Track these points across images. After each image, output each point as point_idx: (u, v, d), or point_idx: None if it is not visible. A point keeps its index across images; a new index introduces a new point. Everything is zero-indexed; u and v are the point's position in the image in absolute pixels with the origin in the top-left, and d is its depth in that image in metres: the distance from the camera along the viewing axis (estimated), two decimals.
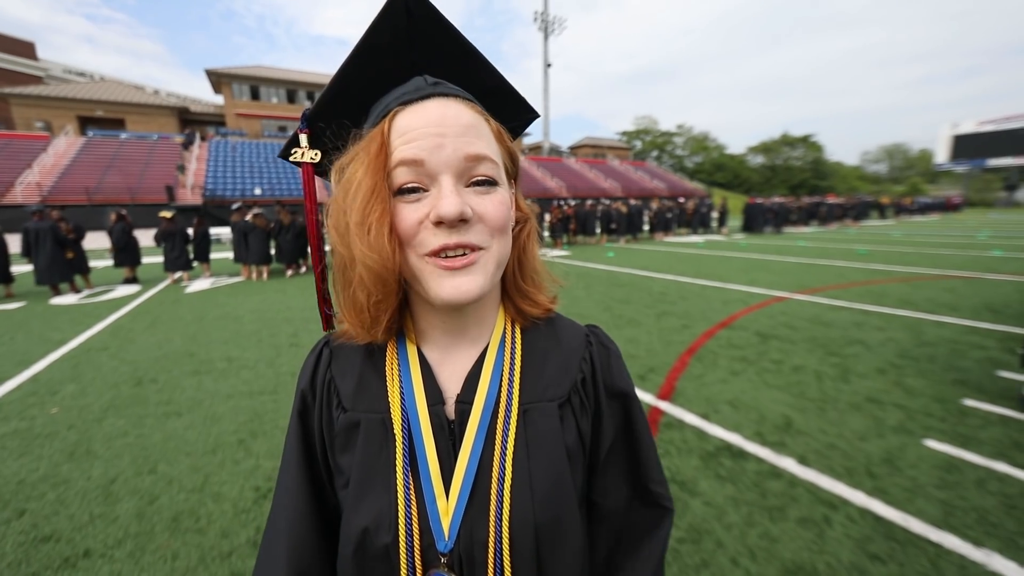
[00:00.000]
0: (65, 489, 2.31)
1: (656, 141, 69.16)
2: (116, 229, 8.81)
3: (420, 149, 0.45)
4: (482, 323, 0.55)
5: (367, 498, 0.49)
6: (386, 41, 0.49)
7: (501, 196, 0.48)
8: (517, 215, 0.56)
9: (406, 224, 0.46)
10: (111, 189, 21.42)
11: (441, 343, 0.55)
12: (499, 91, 0.55)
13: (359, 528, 0.48)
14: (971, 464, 2.34)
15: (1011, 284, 6.88)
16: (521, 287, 0.57)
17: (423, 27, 0.49)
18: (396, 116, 0.47)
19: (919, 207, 32.73)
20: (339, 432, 0.54)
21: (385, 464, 0.50)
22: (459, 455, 0.50)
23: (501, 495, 0.48)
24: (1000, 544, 1.81)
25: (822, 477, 2.26)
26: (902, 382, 3.36)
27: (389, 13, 0.48)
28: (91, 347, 4.76)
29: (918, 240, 14.36)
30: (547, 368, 0.55)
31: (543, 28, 29.36)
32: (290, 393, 3.44)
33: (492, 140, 0.49)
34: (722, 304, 5.97)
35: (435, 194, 0.45)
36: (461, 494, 0.49)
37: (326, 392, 0.56)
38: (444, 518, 0.48)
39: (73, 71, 54.18)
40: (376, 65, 0.50)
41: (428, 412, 0.51)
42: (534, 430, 0.52)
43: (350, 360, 0.56)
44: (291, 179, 26.58)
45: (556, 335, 0.59)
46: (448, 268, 0.46)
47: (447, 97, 0.48)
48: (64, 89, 33.52)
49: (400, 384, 0.53)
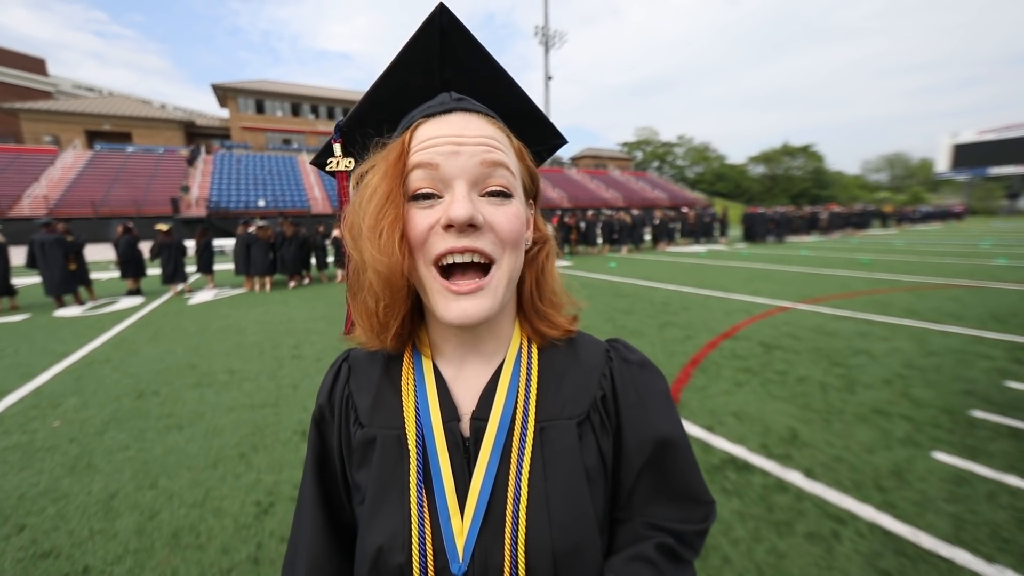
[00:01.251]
0: (65, 504, 2.30)
1: (657, 152, 69.58)
2: (122, 241, 8.89)
3: (436, 154, 0.46)
4: (498, 339, 0.55)
5: (381, 515, 0.49)
6: (419, 59, 0.51)
7: (515, 209, 0.48)
8: (535, 236, 0.56)
9: (418, 229, 0.46)
10: (117, 202, 21.66)
11: (456, 358, 0.54)
12: (527, 114, 0.56)
13: (374, 546, 0.48)
14: (981, 477, 2.30)
15: (1016, 293, 6.84)
16: (540, 309, 0.56)
17: (455, 47, 0.51)
18: (419, 127, 0.48)
19: (921, 216, 32.73)
20: (356, 448, 0.53)
21: (400, 481, 0.50)
22: (474, 473, 0.49)
23: (516, 516, 0.47)
24: (1014, 560, 1.77)
25: (829, 491, 2.23)
26: (909, 393, 3.33)
27: (424, 32, 0.50)
28: (93, 359, 4.77)
29: (921, 249, 14.33)
30: (565, 385, 0.54)
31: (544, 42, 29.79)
32: (291, 405, 3.43)
33: (512, 155, 0.50)
34: (725, 314, 5.94)
35: (448, 200, 0.46)
36: (476, 513, 0.47)
37: (344, 408, 0.56)
38: (459, 538, 0.47)
39: (82, 86, 55.21)
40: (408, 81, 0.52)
41: (443, 429, 0.51)
42: (551, 448, 0.50)
43: (367, 375, 0.56)
44: (294, 191, 26.84)
45: (575, 352, 0.57)
46: (455, 292, 0.46)
47: (469, 112, 0.49)
48: (73, 104, 34.09)
49: (416, 400, 0.53)
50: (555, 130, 0.59)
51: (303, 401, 3.51)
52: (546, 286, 0.56)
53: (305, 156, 32.80)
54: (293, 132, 38.49)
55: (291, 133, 38.45)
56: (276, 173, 28.70)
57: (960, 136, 52.38)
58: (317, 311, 7.01)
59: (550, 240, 0.58)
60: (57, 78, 49.08)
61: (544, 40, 29.68)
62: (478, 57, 0.52)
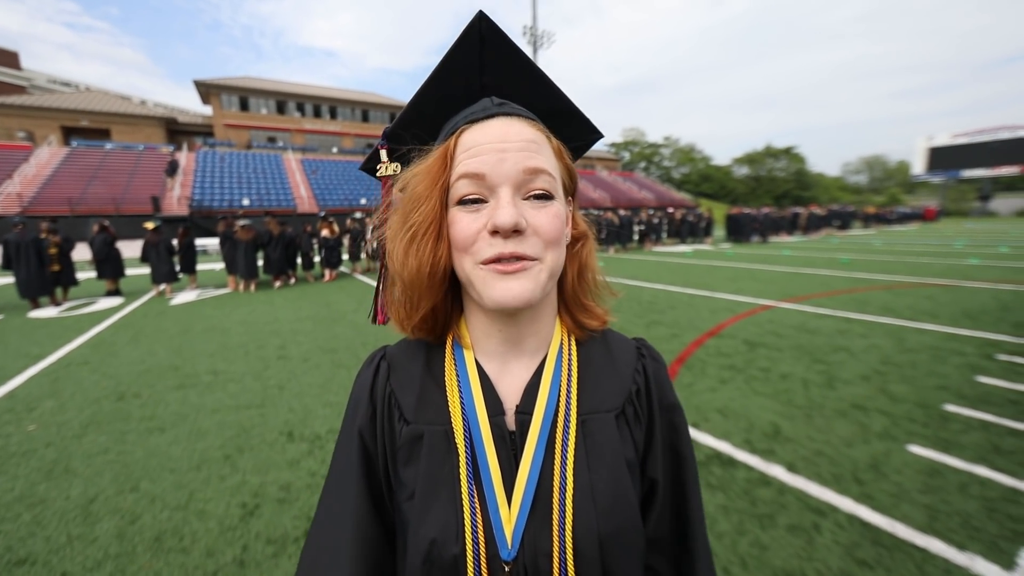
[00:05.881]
0: (42, 509, 2.24)
1: (644, 152, 70.30)
2: (97, 240, 8.65)
3: (482, 164, 0.48)
4: (539, 334, 0.56)
5: (433, 509, 0.50)
6: (460, 65, 0.53)
7: (556, 210, 0.50)
8: (575, 232, 0.58)
9: (466, 233, 0.49)
10: (95, 200, 21.06)
11: (499, 354, 0.56)
12: (565, 112, 0.58)
13: (427, 539, 0.49)
14: (953, 469, 2.39)
15: (987, 291, 7.08)
16: (581, 301, 0.59)
17: (494, 52, 0.53)
18: (463, 133, 0.51)
19: (898, 216, 33.62)
20: (402, 445, 0.54)
21: (449, 475, 0.51)
22: (520, 465, 0.51)
23: (564, 505, 0.49)
24: (983, 548, 1.85)
25: (810, 484, 2.29)
26: (886, 388, 3.43)
27: (465, 40, 0.52)
28: (71, 361, 4.64)
29: (898, 249, 14.74)
30: (603, 380, 0.57)
31: (532, 42, 29.83)
32: (277, 406, 3.38)
33: (552, 156, 0.52)
34: (710, 313, 6.04)
35: (493, 205, 0.48)
36: (523, 502, 0.49)
37: (387, 406, 0.56)
38: (507, 526, 0.49)
39: (58, 81, 53.53)
40: (450, 87, 0.54)
41: (489, 423, 0.52)
42: (592, 441, 0.53)
43: (408, 372, 0.57)
44: (280, 190, 26.44)
45: (609, 348, 0.60)
46: (500, 272, 0.48)
47: (511, 116, 0.51)
48: (47, 99, 33.06)
49: (460, 396, 0.54)
50: (592, 126, 0.61)
51: (289, 402, 3.47)
52: (587, 279, 0.60)
53: (291, 154, 32.34)
54: (278, 130, 37.90)
55: (276, 131, 37.85)
56: (261, 171, 28.21)
57: (935, 139, 53.94)
58: (303, 311, 6.92)
59: (590, 235, 0.61)
60: (31, 72, 47.54)
61: (533, 40, 29.71)
62: (517, 61, 0.54)
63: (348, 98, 40.88)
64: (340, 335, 5.44)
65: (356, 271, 11.89)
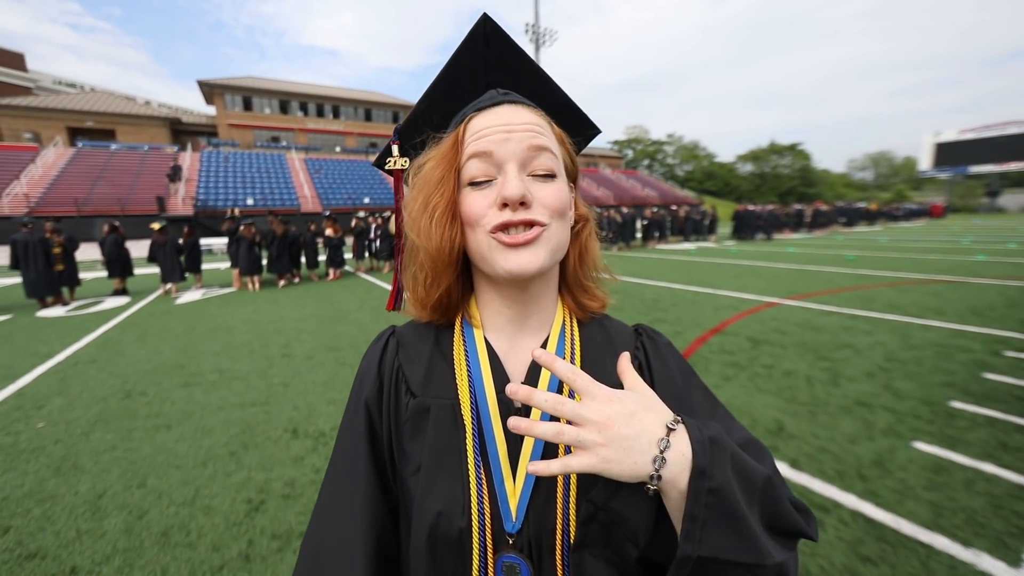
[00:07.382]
0: (51, 505, 2.27)
1: (647, 150, 69.93)
2: (108, 240, 8.74)
3: (490, 143, 0.51)
4: (542, 313, 0.58)
5: (439, 482, 0.51)
6: (466, 65, 0.57)
7: (559, 186, 0.53)
8: (576, 214, 0.60)
9: (476, 208, 0.51)
10: (101, 200, 21.22)
11: (507, 332, 0.58)
12: (564, 109, 0.61)
13: (433, 512, 0.49)
14: (959, 465, 2.37)
15: (995, 288, 7.02)
16: (582, 282, 0.61)
17: (498, 53, 0.57)
18: (472, 120, 0.54)
19: (904, 213, 33.26)
20: (409, 418, 0.55)
21: (456, 449, 0.52)
22: (524, 439, 0.52)
23: (568, 479, 0.50)
24: (989, 544, 1.84)
25: (814, 480, 2.28)
26: (891, 385, 3.41)
27: (471, 41, 0.56)
28: (79, 360, 4.69)
29: (904, 245, 14.62)
30: (604, 359, 0.58)
31: (534, 40, 29.74)
32: (282, 404, 3.41)
33: (554, 140, 0.55)
34: (713, 310, 6.02)
35: (501, 181, 0.51)
36: (528, 476, 0.50)
37: (394, 379, 0.57)
38: (512, 500, 0.50)
39: (63, 82, 53.91)
40: (457, 85, 0.58)
41: (496, 398, 0.53)
42: None
43: (416, 349, 0.59)
44: (284, 189, 26.54)
45: (608, 331, 0.62)
46: (511, 244, 0.50)
47: (516, 104, 0.54)
48: (53, 100, 33.29)
49: (468, 370, 0.55)
50: (589, 121, 0.64)
51: (293, 400, 3.49)
52: (588, 261, 0.62)
53: (294, 153, 32.44)
54: (282, 129, 38.01)
55: (280, 130, 37.96)
56: (265, 171, 28.32)
57: (942, 135, 53.43)
58: (307, 310, 6.95)
59: (591, 219, 0.63)
60: (37, 73, 47.94)
61: (535, 38, 29.62)
62: (519, 59, 0.57)
63: (351, 97, 40.92)
64: (343, 333, 5.46)
65: (360, 270, 11.94)
